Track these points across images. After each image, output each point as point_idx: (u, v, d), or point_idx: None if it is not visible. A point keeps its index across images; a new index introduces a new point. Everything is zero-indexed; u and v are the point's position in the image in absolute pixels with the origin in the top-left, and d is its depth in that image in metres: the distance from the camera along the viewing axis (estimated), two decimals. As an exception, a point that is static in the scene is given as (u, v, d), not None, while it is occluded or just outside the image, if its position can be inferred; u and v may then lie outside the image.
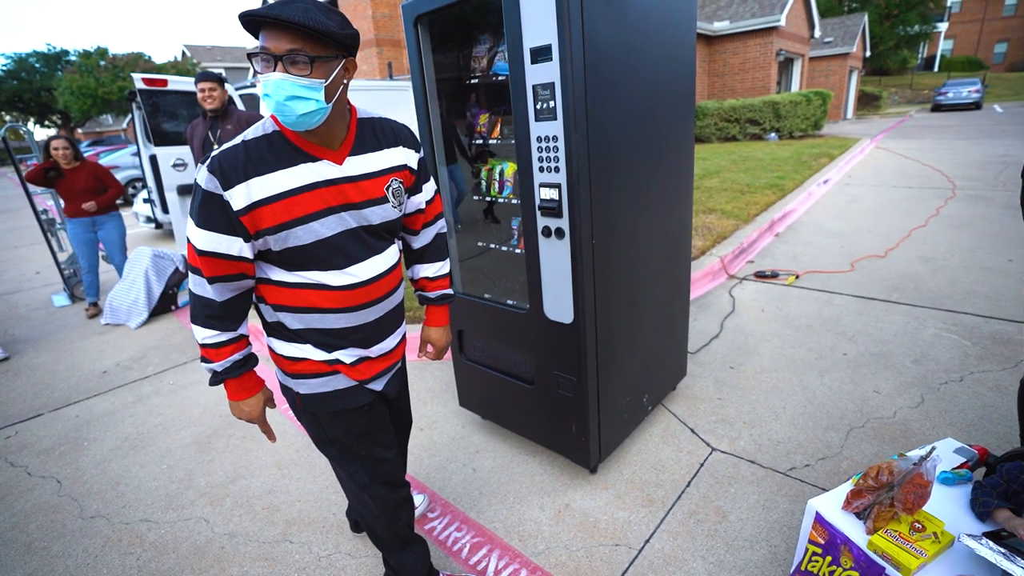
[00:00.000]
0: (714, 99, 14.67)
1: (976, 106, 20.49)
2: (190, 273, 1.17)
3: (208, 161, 1.10)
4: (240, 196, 1.09)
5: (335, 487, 2.28)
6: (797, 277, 4.29)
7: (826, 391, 2.72)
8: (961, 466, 1.55)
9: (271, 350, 1.33)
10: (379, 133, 1.28)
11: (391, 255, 1.33)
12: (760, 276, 4.37)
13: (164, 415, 2.99)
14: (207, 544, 2.02)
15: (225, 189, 1.08)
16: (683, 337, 2.66)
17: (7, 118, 35.15)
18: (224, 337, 1.20)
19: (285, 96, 1.05)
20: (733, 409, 2.63)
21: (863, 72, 24.49)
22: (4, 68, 33.75)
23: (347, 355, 1.31)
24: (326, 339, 1.27)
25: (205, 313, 1.18)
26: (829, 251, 4.91)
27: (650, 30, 1.86)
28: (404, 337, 1.49)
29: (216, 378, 1.24)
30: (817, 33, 17.60)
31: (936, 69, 35.05)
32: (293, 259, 1.18)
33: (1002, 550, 1.16)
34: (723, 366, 3.05)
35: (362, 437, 1.39)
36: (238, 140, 1.13)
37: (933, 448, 1.37)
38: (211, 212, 1.09)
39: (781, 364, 3.02)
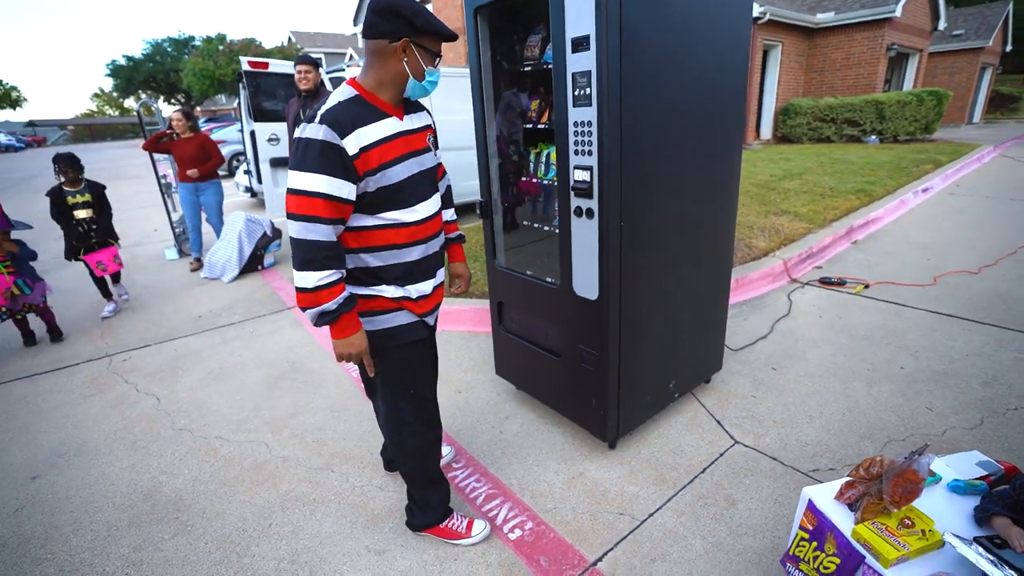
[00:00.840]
0: (810, 96, 13.68)
1: None
2: (299, 223, 1.31)
3: (319, 118, 1.30)
4: (352, 143, 1.33)
5: (375, 433, 2.54)
6: (866, 287, 4.05)
7: (871, 401, 2.62)
8: (981, 479, 1.50)
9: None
10: (408, 101, 1.57)
11: (438, 196, 1.65)
12: (825, 282, 4.17)
13: (242, 356, 3.43)
14: (265, 463, 2.36)
15: (341, 138, 1.31)
16: (720, 331, 2.66)
17: (143, 96, 39.70)
18: (337, 276, 1.38)
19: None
20: (766, 408, 2.61)
21: (999, 70, 21.65)
22: (143, 52, 38.10)
23: (414, 290, 1.58)
24: (402, 273, 1.54)
25: (324, 255, 1.33)
26: (910, 263, 4.57)
27: (694, 24, 1.90)
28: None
29: (330, 316, 1.38)
30: (942, 25, 15.76)
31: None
32: (379, 200, 1.43)
33: (988, 556, 1.16)
34: (765, 366, 3.00)
35: (415, 372, 1.68)
36: (333, 102, 1.37)
37: (927, 445, 1.35)
38: (329, 159, 1.30)
39: (828, 371, 2.92)
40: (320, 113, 1.33)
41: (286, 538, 1.94)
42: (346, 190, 1.34)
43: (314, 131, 1.29)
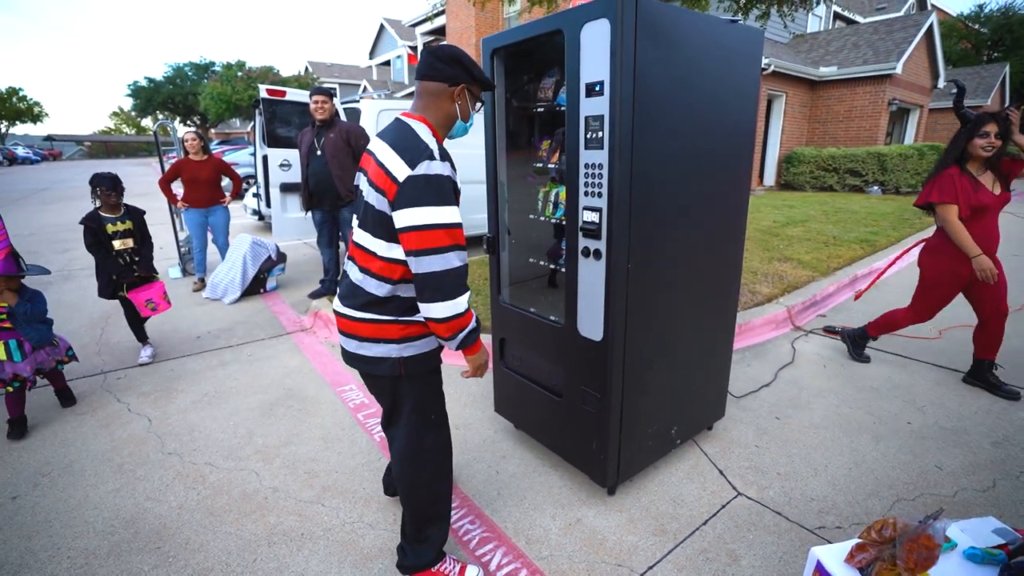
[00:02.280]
0: (812, 146, 13.98)
1: None
2: (450, 253, 1.38)
3: (435, 156, 1.39)
4: (455, 177, 1.48)
5: (369, 465, 2.48)
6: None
7: (878, 457, 2.55)
8: (999, 547, 1.44)
9: (374, 325, 1.54)
10: None
11: None
12: (829, 331, 4.14)
13: (239, 380, 3.38)
14: (254, 493, 2.29)
15: (453, 173, 1.46)
16: (723, 377, 2.62)
17: (160, 117, 40.71)
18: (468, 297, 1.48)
19: None
20: (769, 458, 2.55)
21: (996, 129, 22.12)
22: (165, 75, 39.31)
23: None
24: None
25: (462, 281, 1.43)
26: (915, 314, 4.54)
27: (705, 73, 1.94)
28: None
29: (474, 334, 1.51)
30: (941, 83, 16.28)
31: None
32: None
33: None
34: (768, 415, 2.95)
35: (438, 398, 1.75)
36: (429, 138, 1.45)
37: (942, 509, 1.30)
38: (451, 193, 1.42)
39: (833, 422, 2.87)
40: (433, 150, 1.40)
41: (270, 575, 1.85)
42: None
43: (440, 168, 1.39)
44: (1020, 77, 23.55)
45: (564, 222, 2.24)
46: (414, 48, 26.46)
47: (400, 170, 1.38)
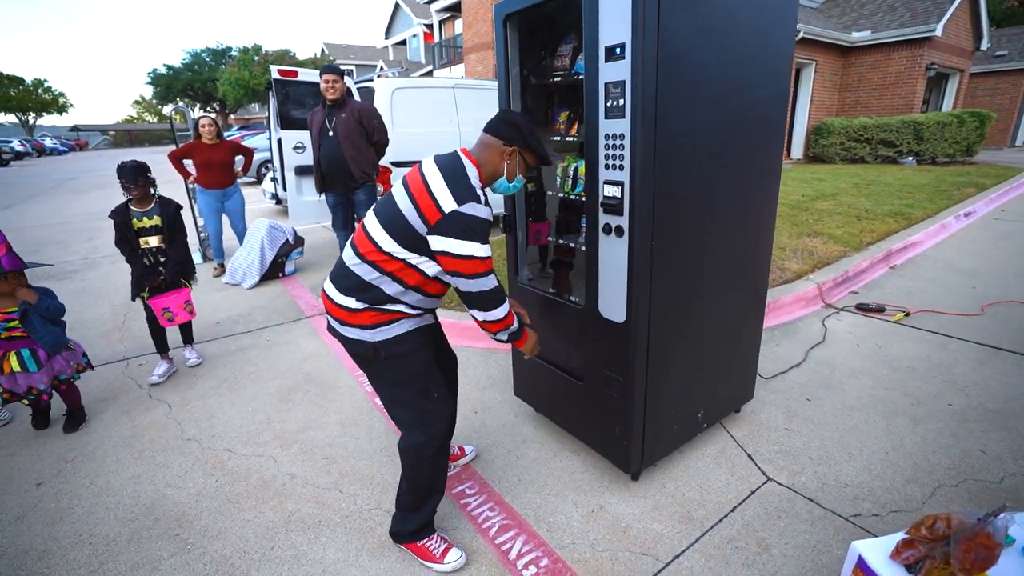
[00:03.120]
0: (843, 116, 13.36)
1: None
2: (484, 278, 1.57)
3: (480, 200, 1.55)
4: (490, 218, 1.60)
5: (387, 450, 2.45)
6: (907, 315, 3.83)
7: (917, 441, 2.42)
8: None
9: (347, 311, 1.63)
10: None
11: None
12: (862, 308, 3.95)
13: (257, 366, 3.38)
14: (272, 479, 2.28)
15: (490, 214, 1.59)
16: (752, 358, 2.50)
17: (180, 103, 41.16)
18: (509, 306, 1.71)
19: None
20: (800, 442, 2.44)
21: (1042, 93, 20.88)
22: (183, 62, 39.57)
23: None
24: (424, 305, 1.72)
25: (497, 296, 1.64)
26: (955, 290, 4.32)
27: (736, 35, 1.79)
28: None
29: (517, 331, 1.77)
30: (985, 45, 15.29)
31: None
32: None
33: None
34: (799, 397, 2.82)
35: (427, 371, 1.74)
36: (477, 186, 1.58)
37: (1005, 506, 1.19)
38: (487, 233, 1.56)
39: (867, 404, 2.73)
40: (476, 193, 1.55)
41: (288, 563, 1.84)
42: None
43: (483, 212, 1.54)
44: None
45: (584, 198, 2.14)
46: (429, 26, 26.02)
47: (447, 203, 1.50)
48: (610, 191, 1.75)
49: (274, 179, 7.22)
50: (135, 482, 2.28)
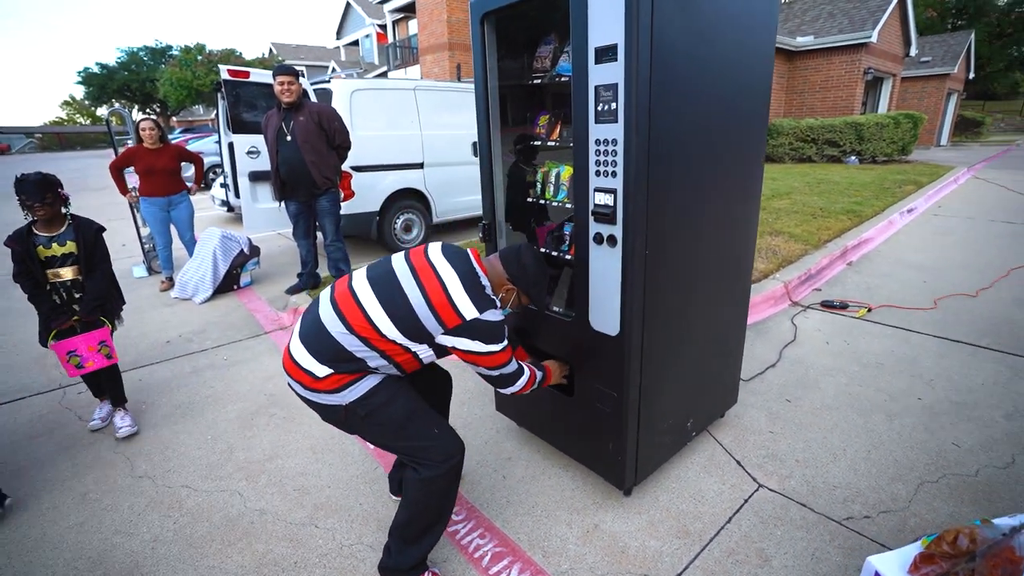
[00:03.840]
0: (790, 117, 13.95)
1: (1097, 139, 18.44)
2: (500, 369, 1.65)
3: (497, 307, 1.59)
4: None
5: (364, 476, 2.29)
6: (869, 310, 3.96)
7: (895, 437, 2.47)
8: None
9: (310, 377, 1.52)
10: None
11: None
12: (827, 306, 4.06)
13: (215, 388, 3.13)
14: (239, 517, 2.07)
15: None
16: (736, 363, 2.49)
17: (116, 105, 38.75)
18: (528, 374, 1.78)
19: None
20: (786, 445, 2.44)
21: (964, 95, 22.54)
22: (118, 60, 37.28)
23: None
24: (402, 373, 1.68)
25: (518, 375, 1.73)
26: (909, 285, 4.51)
27: (724, 37, 1.74)
28: None
29: (542, 380, 1.87)
30: (913, 51, 16.36)
31: (1051, 96, 31.77)
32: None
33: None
34: (778, 398, 2.84)
35: (412, 414, 1.62)
36: (489, 292, 1.60)
37: (1027, 518, 1.18)
38: (504, 334, 1.60)
39: (844, 402, 2.77)
40: (495, 302, 1.60)
41: (262, 614, 1.66)
42: None
43: (496, 316, 1.56)
44: (984, 45, 23.96)
45: (567, 204, 2.05)
46: (383, 27, 25.49)
47: (468, 311, 1.50)
48: (602, 199, 1.67)
49: (224, 185, 6.82)
50: (78, 531, 2.03)
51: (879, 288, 4.48)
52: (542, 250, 2.18)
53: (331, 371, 1.50)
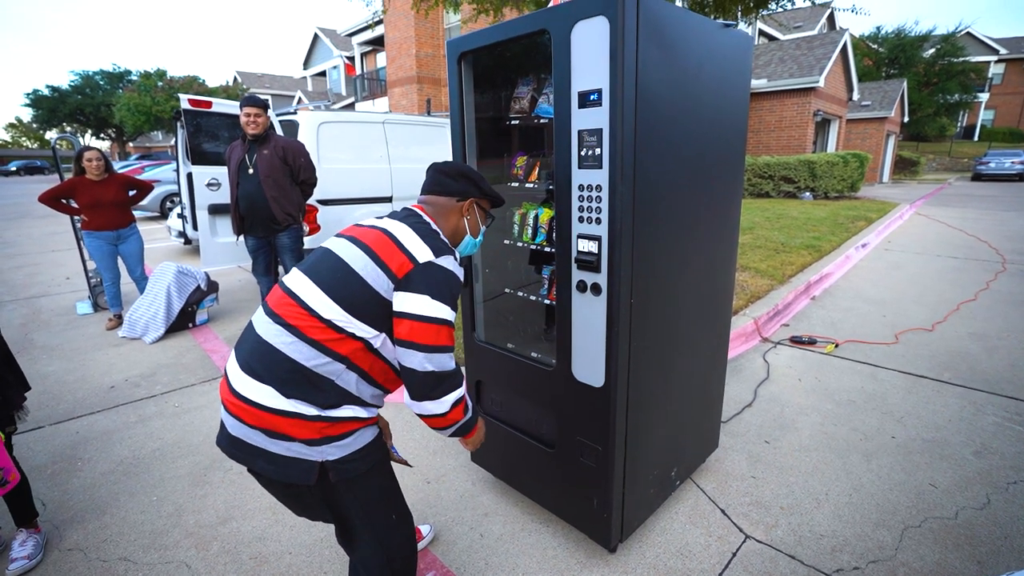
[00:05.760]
0: (748, 155, 14.63)
1: (1020, 177, 20.06)
2: (443, 354, 1.26)
3: (456, 258, 1.35)
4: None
5: (328, 540, 2.09)
6: (836, 346, 4.04)
7: (874, 479, 2.45)
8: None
9: (282, 418, 1.20)
10: None
11: None
12: (796, 341, 4.13)
13: (163, 440, 2.86)
14: (184, 596, 1.85)
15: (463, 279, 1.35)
16: (717, 407, 2.45)
17: (67, 129, 37.28)
18: (463, 391, 1.36)
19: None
20: (769, 491, 2.39)
21: (900, 137, 24.29)
22: (71, 84, 36.04)
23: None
24: (378, 402, 1.38)
25: (460, 378, 1.33)
26: (870, 320, 4.65)
27: (705, 82, 1.76)
28: None
29: (468, 424, 1.39)
30: (856, 96, 17.60)
31: (976, 139, 34.58)
32: None
33: None
34: (757, 439, 2.81)
35: (392, 490, 1.44)
36: (441, 239, 1.35)
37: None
38: (458, 297, 1.32)
39: (822, 443, 2.76)
40: (452, 249, 1.36)
41: None
42: None
43: (459, 270, 1.33)
44: (914, 92, 26.08)
45: (545, 248, 1.99)
46: (351, 58, 25.66)
47: (422, 253, 1.27)
48: (586, 246, 1.62)
49: (182, 216, 6.53)
50: (-9, 621, 1.76)
51: (842, 322, 4.59)
52: (531, 297, 2.10)
53: (316, 412, 1.20)
